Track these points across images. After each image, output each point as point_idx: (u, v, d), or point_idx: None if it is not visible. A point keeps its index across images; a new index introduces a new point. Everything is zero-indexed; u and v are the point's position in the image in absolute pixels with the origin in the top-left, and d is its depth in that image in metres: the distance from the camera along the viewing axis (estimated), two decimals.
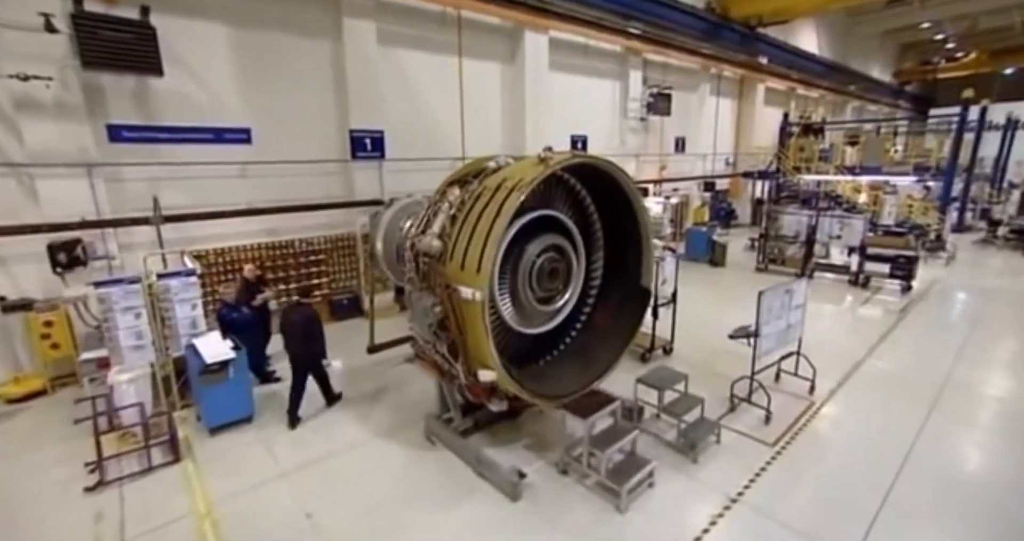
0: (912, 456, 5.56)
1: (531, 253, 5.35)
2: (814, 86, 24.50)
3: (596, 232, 6.33)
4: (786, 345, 6.79)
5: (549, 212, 5.50)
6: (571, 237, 5.79)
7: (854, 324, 9.96)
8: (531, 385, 5.24)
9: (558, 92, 13.65)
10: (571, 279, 5.75)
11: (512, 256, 5.33)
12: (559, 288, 5.61)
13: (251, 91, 8.75)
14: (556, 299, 5.68)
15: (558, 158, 4.74)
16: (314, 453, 5.73)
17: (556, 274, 5.55)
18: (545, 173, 4.59)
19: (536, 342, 5.97)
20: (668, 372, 6.16)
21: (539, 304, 5.50)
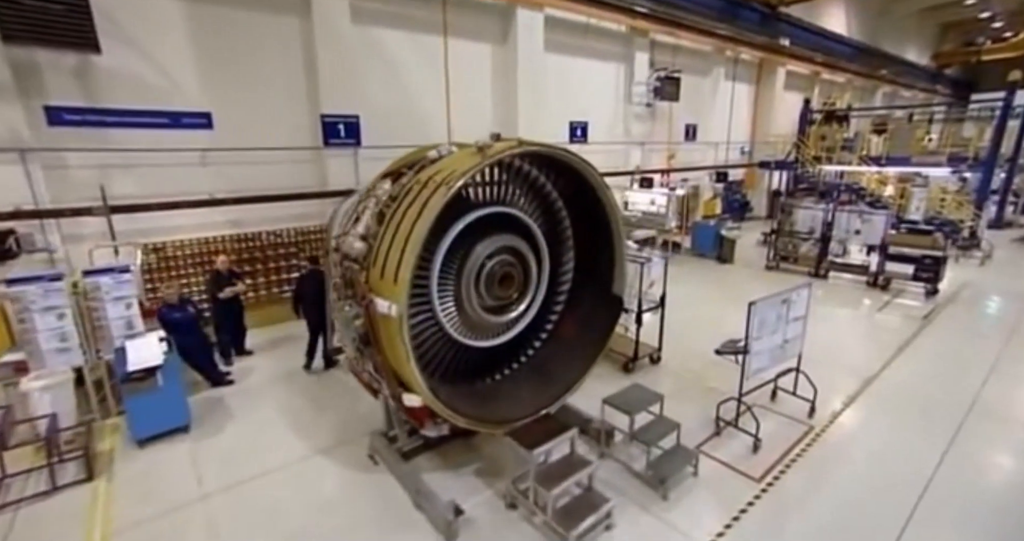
0: (927, 497, 4.75)
1: (479, 256, 4.66)
2: (841, 70, 22.89)
3: (565, 232, 5.60)
4: (783, 362, 5.97)
5: (501, 209, 4.78)
6: (532, 238, 5.07)
7: (869, 332, 9.01)
8: (473, 408, 4.60)
9: (555, 75, 12.76)
10: (528, 286, 5.04)
11: (456, 259, 4.66)
12: (513, 296, 4.91)
13: (211, 73, 8.14)
14: (511, 308, 4.98)
15: (499, 147, 4.02)
16: (245, 471, 5.20)
17: (510, 280, 4.85)
18: (481, 165, 3.88)
19: (491, 355, 5.30)
20: (641, 392, 5.42)
21: (489, 314, 4.81)
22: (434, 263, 4.45)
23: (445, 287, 4.65)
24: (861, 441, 5.69)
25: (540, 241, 5.16)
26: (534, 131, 12.09)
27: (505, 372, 5.44)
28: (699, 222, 15.09)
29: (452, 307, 4.72)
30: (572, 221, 5.57)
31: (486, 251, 4.72)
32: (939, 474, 5.08)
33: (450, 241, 4.49)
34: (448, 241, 4.48)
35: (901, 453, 5.44)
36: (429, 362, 4.82)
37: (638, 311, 7.09)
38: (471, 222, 4.57)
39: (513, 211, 4.88)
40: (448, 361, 4.91)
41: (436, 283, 4.47)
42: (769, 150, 19.44)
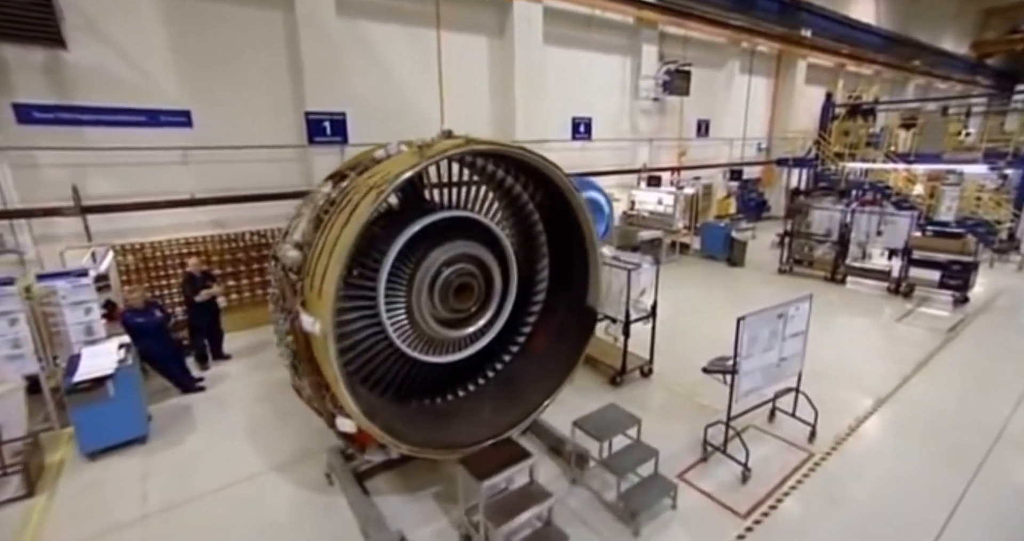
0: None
1: (432, 264, 4.26)
2: (868, 62, 21.66)
3: (539, 238, 5.16)
4: (778, 382, 5.40)
5: (459, 214, 4.37)
6: (499, 246, 4.65)
7: (886, 344, 8.27)
8: (424, 430, 4.22)
9: (557, 70, 12.24)
10: (491, 298, 4.62)
11: (408, 267, 4.27)
12: (471, 309, 4.49)
13: (190, 69, 7.92)
14: (470, 322, 4.57)
15: (441, 146, 3.60)
16: (194, 488, 4.93)
17: (468, 291, 4.44)
18: (419, 167, 3.47)
19: (454, 370, 4.90)
20: (616, 414, 4.95)
21: (444, 328, 4.41)
22: (381, 271, 4.07)
23: (396, 297, 4.27)
24: (866, 473, 5.09)
25: (507, 249, 4.74)
26: (533, 128, 11.64)
27: (470, 388, 5.03)
28: (709, 222, 14.37)
29: (404, 319, 4.34)
30: (549, 227, 5.13)
31: (440, 259, 4.32)
32: (957, 516, 4.48)
33: (399, 247, 4.11)
34: (397, 247, 4.10)
35: (913, 489, 4.84)
36: (380, 379, 4.45)
37: (626, 321, 6.59)
38: (430, 227, 4.20)
39: (473, 215, 4.46)
40: (401, 377, 4.54)
41: (384, 293, 4.10)
42: (788, 147, 18.49)
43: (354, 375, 4.31)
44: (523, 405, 4.77)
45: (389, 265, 4.09)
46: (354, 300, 4.21)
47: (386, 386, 4.50)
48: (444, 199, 4.87)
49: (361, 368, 4.34)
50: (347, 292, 4.24)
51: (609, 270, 6.70)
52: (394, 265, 4.23)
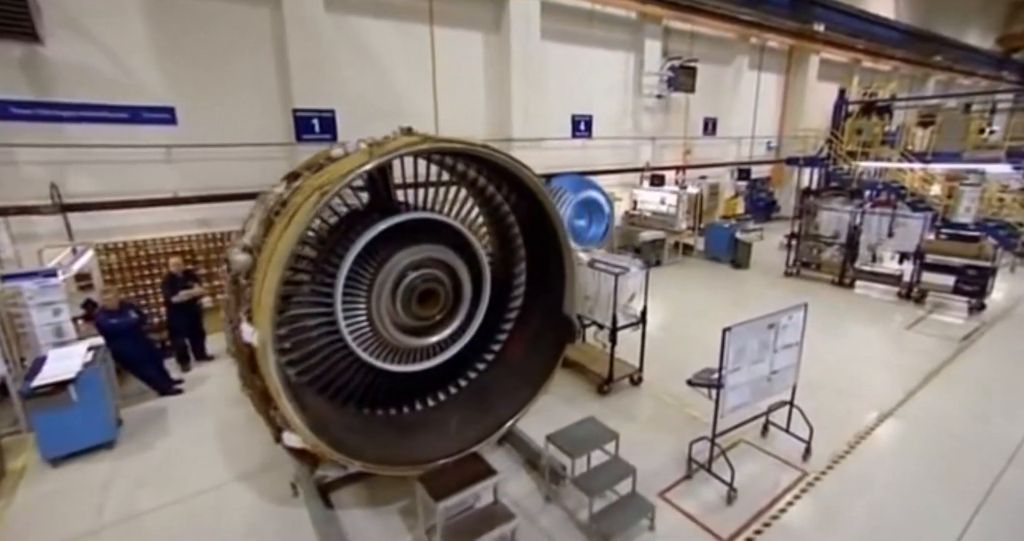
0: None
1: (392, 269, 4.03)
2: (886, 57, 20.94)
3: (516, 241, 4.90)
4: (769, 396, 5.07)
5: (420, 215, 4.13)
6: (470, 249, 4.40)
7: (894, 354, 7.84)
8: (384, 444, 3.99)
9: (556, 66, 11.93)
10: (459, 306, 4.37)
11: (369, 271, 4.04)
12: (436, 317, 4.25)
13: (174, 65, 7.79)
14: (436, 331, 4.32)
15: (394, 145, 3.36)
16: (154, 498, 4.77)
17: (433, 298, 4.20)
18: (366, 166, 3.23)
19: (423, 379, 4.66)
20: (593, 428, 4.66)
21: (408, 336, 4.17)
22: (339, 276, 3.85)
23: (355, 303, 4.04)
24: (863, 495, 4.74)
25: (479, 252, 4.48)
26: (531, 126, 11.37)
27: (441, 398, 4.79)
28: (714, 223, 13.95)
29: (365, 326, 4.11)
30: (528, 230, 4.86)
31: (402, 263, 4.09)
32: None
33: (357, 251, 3.88)
34: (355, 251, 3.87)
35: (915, 514, 4.48)
36: (341, 388, 4.23)
37: (613, 328, 6.29)
38: (396, 230, 3.97)
39: (439, 217, 4.21)
40: (364, 387, 4.31)
41: (341, 299, 3.87)
42: (799, 145, 17.91)
43: (312, 384, 4.10)
44: (493, 418, 4.52)
45: (347, 269, 3.87)
46: (313, 306, 4.01)
47: (348, 396, 4.28)
48: (420, 200, 4.65)
49: (320, 377, 4.13)
50: (306, 297, 4.04)
51: (597, 274, 6.42)
52: (355, 269, 4.02)
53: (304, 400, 3.67)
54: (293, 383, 3.89)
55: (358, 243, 3.89)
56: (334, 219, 4.46)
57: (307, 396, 3.84)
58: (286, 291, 4.00)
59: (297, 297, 4.02)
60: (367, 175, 4.40)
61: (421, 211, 4.27)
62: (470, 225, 4.95)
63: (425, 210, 4.38)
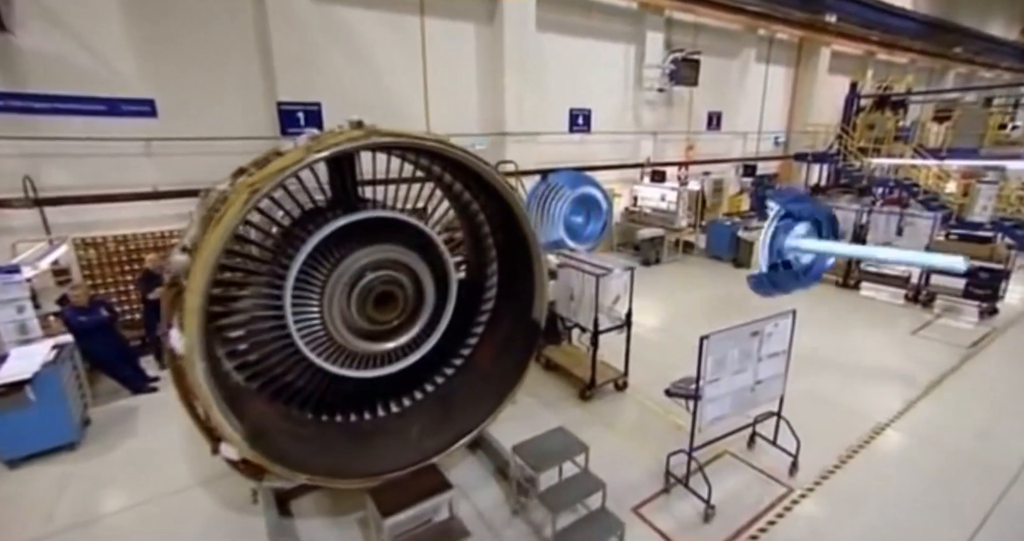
0: None
1: (346, 271, 3.81)
2: (902, 49, 20.17)
3: (486, 241, 4.65)
4: (753, 408, 4.77)
5: (377, 214, 3.90)
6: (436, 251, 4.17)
7: (896, 361, 7.46)
8: (336, 454, 3.78)
9: (552, 58, 11.60)
10: (421, 310, 4.14)
11: (321, 274, 3.83)
12: (394, 322, 4.02)
13: (153, 56, 7.62)
14: (394, 336, 4.10)
15: (333, 140, 3.11)
16: (109, 503, 4.64)
17: (392, 301, 3.97)
18: (300, 165, 3.00)
19: (386, 384, 4.44)
20: (563, 439, 4.41)
21: (362, 340, 3.96)
22: (288, 277, 3.64)
23: (308, 305, 3.83)
24: (853, 514, 4.44)
25: (444, 256, 4.24)
26: (526, 120, 11.07)
27: (406, 403, 4.58)
28: (715, 221, 13.55)
29: (319, 329, 3.90)
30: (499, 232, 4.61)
31: (357, 264, 3.86)
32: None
33: (307, 252, 3.67)
34: (304, 252, 3.65)
35: (906, 537, 4.17)
36: (295, 394, 4.03)
37: (594, 331, 6.02)
38: (357, 229, 3.76)
39: (397, 215, 3.98)
40: (320, 392, 4.11)
41: (291, 300, 3.66)
42: (808, 141, 17.37)
43: (265, 388, 3.91)
44: (457, 427, 4.30)
45: (297, 269, 3.66)
46: (265, 308, 3.80)
47: (304, 401, 4.08)
48: (395, 197, 4.43)
49: (274, 381, 3.93)
50: (258, 299, 3.84)
51: (580, 276, 6.16)
52: (308, 269, 3.81)
53: (247, 407, 3.47)
54: (243, 388, 3.70)
55: (309, 242, 3.68)
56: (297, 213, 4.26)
57: (255, 402, 3.64)
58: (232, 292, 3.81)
59: (250, 298, 3.82)
60: (331, 169, 4.21)
61: (380, 209, 4.03)
62: (445, 226, 4.73)
63: (386, 208, 4.14)
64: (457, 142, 3.93)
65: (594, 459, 4.99)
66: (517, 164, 10.51)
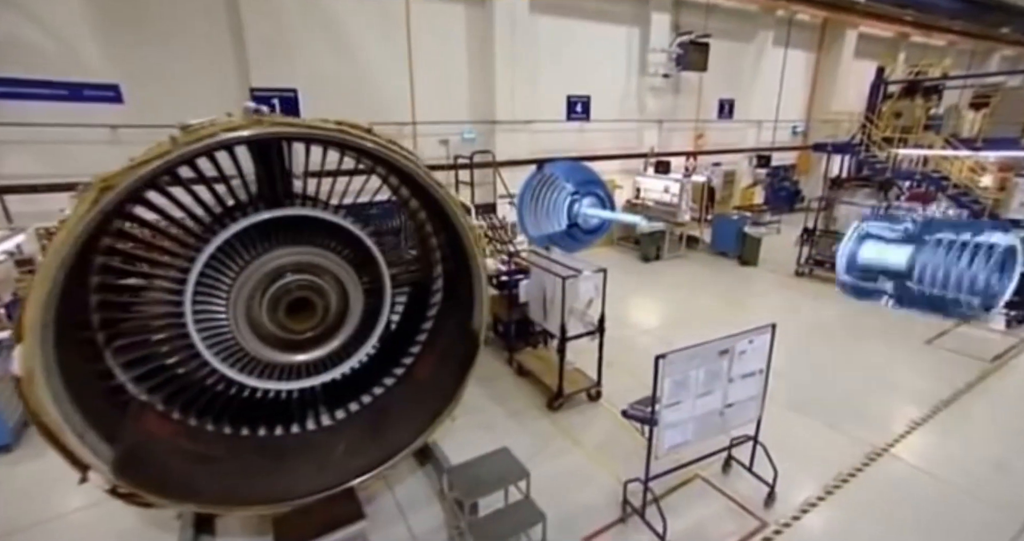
0: None
1: (255, 272, 3.43)
2: (939, 31, 18.67)
3: (430, 241, 4.21)
4: (722, 433, 4.25)
5: (293, 212, 3.49)
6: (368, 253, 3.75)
7: (904, 375, 6.78)
8: (242, 475, 3.42)
9: (548, 42, 10.96)
10: (346, 319, 3.73)
11: (228, 277, 3.45)
12: (307, 333, 3.62)
13: (118, 39, 7.32)
14: (312, 348, 3.70)
15: (205, 132, 2.69)
16: (30, 514, 4.39)
17: (308, 309, 3.57)
18: (162, 161, 2.59)
19: (315, 396, 4.07)
20: (504, 462, 3.97)
21: (273, 349, 3.57)
22: (188, 281, 3.27)
23: (213, 307, 3.45)
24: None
25: (378, 260, 3.81)
26: (518, 107, 10.50)
27: (339, 416, 4.20)
28: (721, 215, 12.79)
29: (228, 335, 3.52)
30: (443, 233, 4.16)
31: (268, 266, 3.47)
32: None
33: (207, 255, 3.28)
34: (205, 255, 3.27)
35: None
36: (208, 405, 3.68)
37: (561, 338, 5.54)
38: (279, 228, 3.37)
39: (323, 215, 3.56)
40: (237, 403, 3.75)
41: (191, 300, 3.29)
42: (829, 130, 16.27)
43: (172, 401, 3.57)
44: (388, 444, 3.90)
45: (199, 269, 3.29)
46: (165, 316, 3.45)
47: (220, 414, 3.74)
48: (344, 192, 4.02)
49: (180, 393, 3.59)
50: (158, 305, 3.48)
51: (552, 278, 5.67)
52: (215, 270, 3.43)
53: (135, 426, 3.14)
54: (137, 403, 3.36)
55: (213, 242, 3.30)
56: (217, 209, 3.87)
57: (149, 420, 3.30)
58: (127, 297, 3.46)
59: (149, 304, 3.47)
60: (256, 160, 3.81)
61: (300, 207, 3.62)
62: (393, 229, 4.32)
63: (317, 206, 3.73)
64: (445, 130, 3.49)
65: (553, 477, 4.62)
66: (495, 154, 9.94)
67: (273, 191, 3.86)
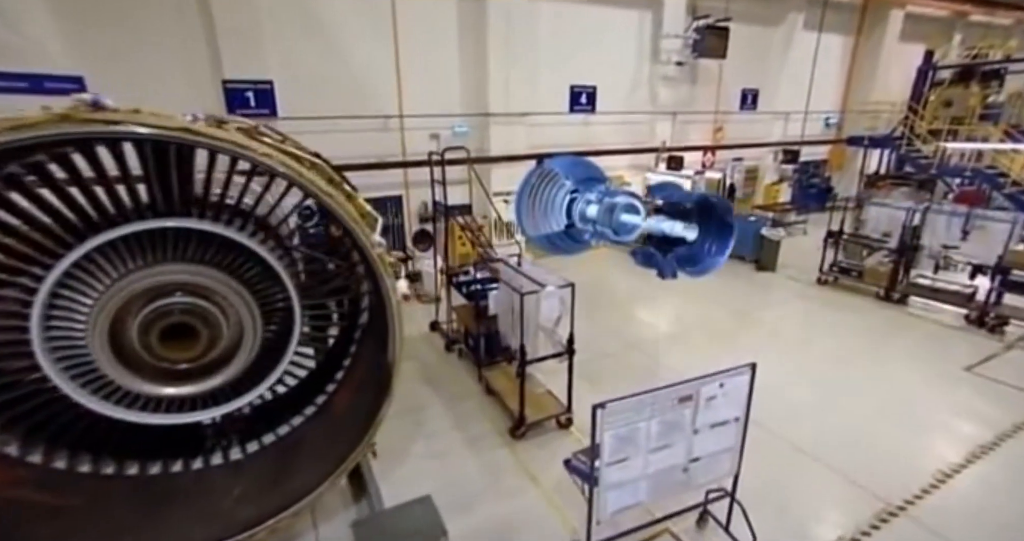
0: None
1: (119, 292, 2.93)
2: (1005, 8, 16.69)
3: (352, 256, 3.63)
4: (685, 492, 3.52)
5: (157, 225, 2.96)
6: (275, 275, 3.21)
7: (940, 408, 5.79)
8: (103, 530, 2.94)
9: (548, 28, 10.19)
10: (242, 347, 3.19)
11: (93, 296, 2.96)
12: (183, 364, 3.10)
13: (80, 28, 7.02)
14: (201, 378, 3.18)
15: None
16: None
17: (190, 335, 3.05)
18: None
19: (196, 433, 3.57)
20: (420, 515, 3.37)
21: (138, 378, 3.07)
22: (35, 300, 2.80)
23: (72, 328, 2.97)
24: None
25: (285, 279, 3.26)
26: (509, 100, 9.79)
27: (249, 450, 3.70)
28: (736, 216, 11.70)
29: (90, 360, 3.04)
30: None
31: (136, 287, 2.96)
32: None
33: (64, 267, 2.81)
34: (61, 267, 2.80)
35: None
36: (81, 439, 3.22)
37: (521, 360, 4.89)
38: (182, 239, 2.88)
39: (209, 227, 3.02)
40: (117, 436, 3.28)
41: (39, 329, 2.82)
42: (868, 122, 14.82)
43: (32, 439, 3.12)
44: (289, 489, 3.36)
45: (47, 291, 2.81)
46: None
47: (93, 447, 3.28)
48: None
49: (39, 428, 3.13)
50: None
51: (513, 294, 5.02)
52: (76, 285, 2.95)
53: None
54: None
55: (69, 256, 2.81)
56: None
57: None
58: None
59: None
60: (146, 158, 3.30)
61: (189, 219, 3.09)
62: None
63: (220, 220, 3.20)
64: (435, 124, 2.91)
65: (494, 524, 4.01)
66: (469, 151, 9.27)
67: (170, 198, 3.35)
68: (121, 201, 3.03)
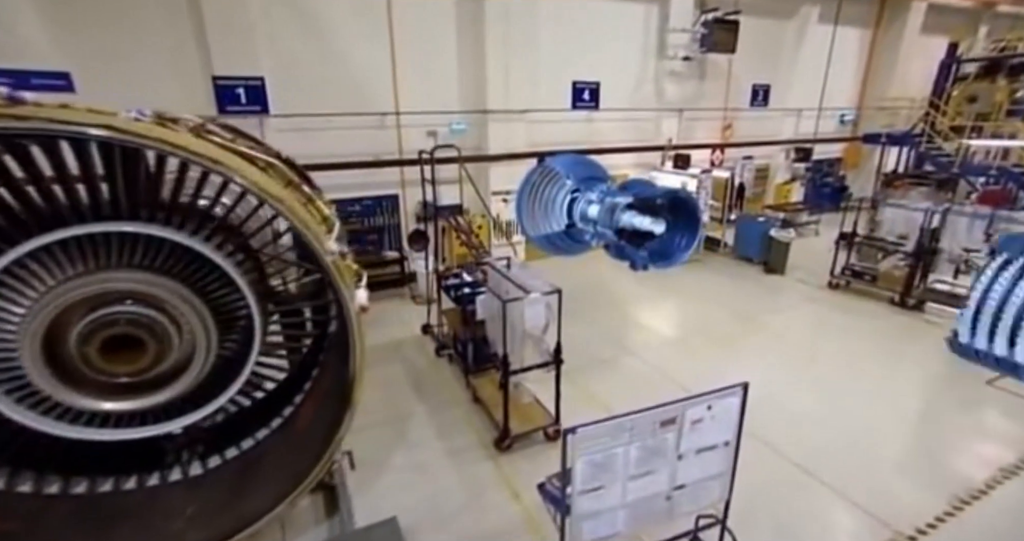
0: None
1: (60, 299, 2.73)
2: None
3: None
4: (673, 520, 3.23)
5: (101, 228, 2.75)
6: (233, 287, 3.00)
7: (957, 427, 5.40)
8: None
9: (549, 22, 9.86)
10: (195, 359, 2.98)
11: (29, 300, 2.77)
12: (123, 377, 2.90)
13: (67, 23, 6.88)
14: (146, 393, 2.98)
15: None
16: None
17: (135, 349, 2.85)
18: None
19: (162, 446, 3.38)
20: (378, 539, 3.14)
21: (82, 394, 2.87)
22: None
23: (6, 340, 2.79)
24: None
25: (242, 285, 3.04)
26: (508, 96, 9.50)
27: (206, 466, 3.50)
28: (745, 216, 11.35)
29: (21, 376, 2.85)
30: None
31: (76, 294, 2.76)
32: None
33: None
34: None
35: None
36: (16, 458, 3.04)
37: (504, 370, 4.63)
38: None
39: (157, 231, 2.81)
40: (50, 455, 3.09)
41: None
42: (886, 119, 14.24)
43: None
44: (248, 509, 3.15)
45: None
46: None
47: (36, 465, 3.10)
48: None
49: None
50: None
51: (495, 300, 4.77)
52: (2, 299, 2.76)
53: None
54: None
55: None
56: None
57: None
58: None
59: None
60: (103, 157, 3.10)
61: (142, 223, 2.88)
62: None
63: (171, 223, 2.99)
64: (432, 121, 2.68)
65: (477, 538, 3.78)
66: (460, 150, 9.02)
67: (132, 198, 3.15)
68: (57, 203, 2.81)
